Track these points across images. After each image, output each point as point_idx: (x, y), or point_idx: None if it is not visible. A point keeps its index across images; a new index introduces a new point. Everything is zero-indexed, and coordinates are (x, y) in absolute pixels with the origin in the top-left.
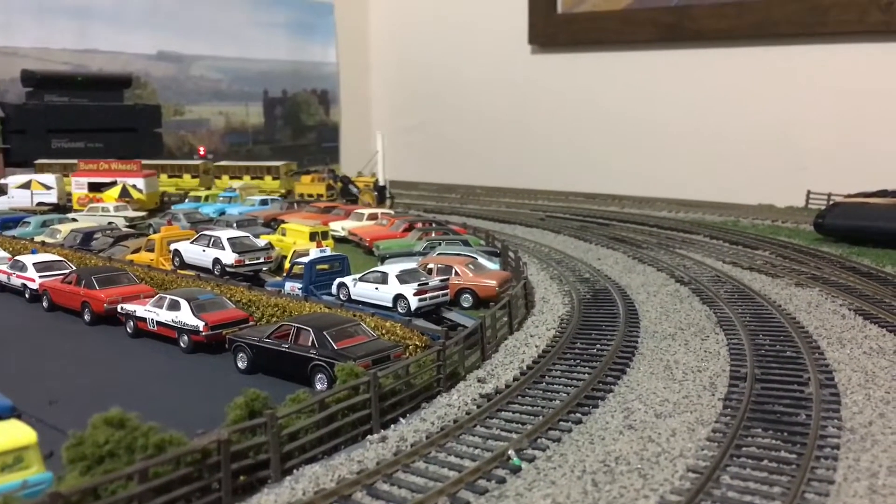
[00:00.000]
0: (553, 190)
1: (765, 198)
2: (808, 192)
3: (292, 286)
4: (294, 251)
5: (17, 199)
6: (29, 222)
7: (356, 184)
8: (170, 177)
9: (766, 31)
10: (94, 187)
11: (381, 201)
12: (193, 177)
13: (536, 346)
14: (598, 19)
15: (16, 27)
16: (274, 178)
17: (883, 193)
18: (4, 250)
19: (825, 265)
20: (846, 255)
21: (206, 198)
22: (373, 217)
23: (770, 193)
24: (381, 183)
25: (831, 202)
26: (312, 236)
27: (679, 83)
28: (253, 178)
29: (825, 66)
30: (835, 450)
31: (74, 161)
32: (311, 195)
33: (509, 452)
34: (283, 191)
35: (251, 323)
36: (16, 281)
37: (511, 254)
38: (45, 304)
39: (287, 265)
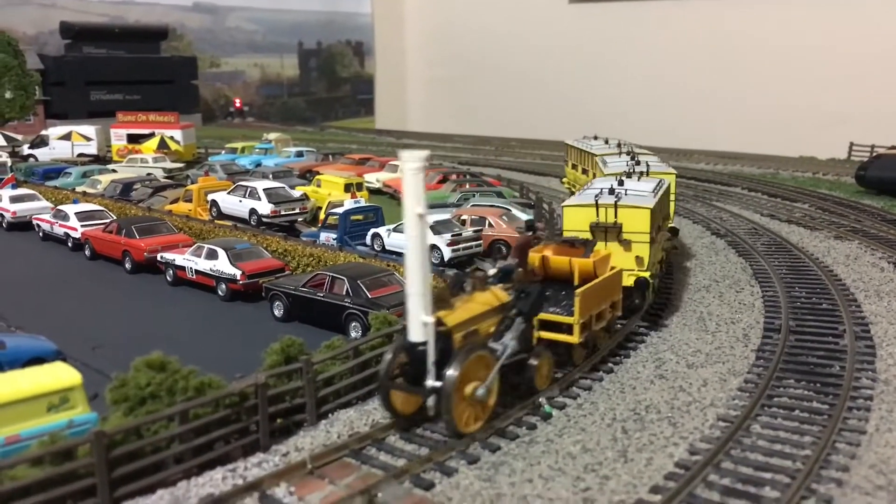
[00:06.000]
0: None
1: (806, 150)
2: (851, 144)
3: (327, 236)
4: (329, 202)
5: (59, 150)
6: (70, 173)
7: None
8: (573, 167)
9: None
10: (133, 139)
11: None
12: (583, 172)
13: None
14: None
15: None
16: None
17: None
18: (47, 200)
19: (865, 218)
20: (888, 208)
21: (243, 149)
22: None
23: (812, 145)
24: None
25: (874, 154)
26: (347, 187)
27: (722, 34)
28: None
29: (869, 15)
30: (868, 401)
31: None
32: None
33: (541, 400)
34: None
35: (287, 272)
36: (58, 230)
37: (545, 205)
38: (87, 252)
39: (322, 216)
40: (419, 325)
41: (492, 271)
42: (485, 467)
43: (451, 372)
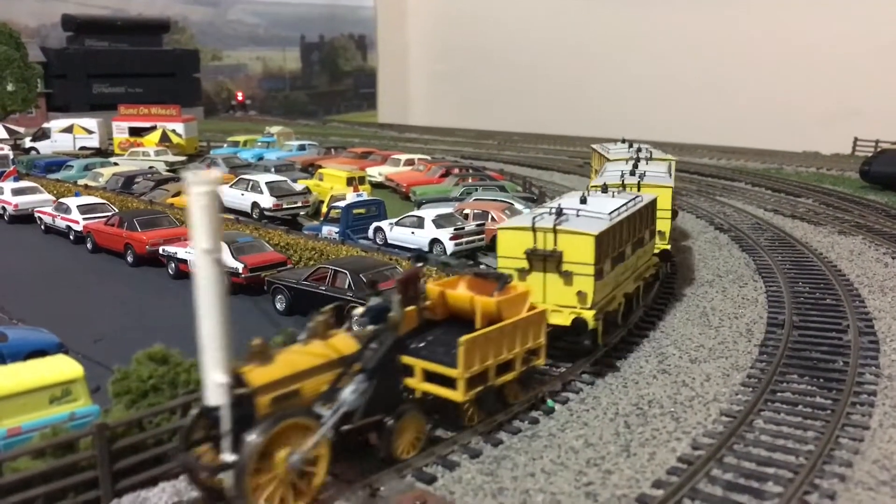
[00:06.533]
0: (592, 136)
1: (810, 145)
2: (855, 139)
3: (329, 230)
4: (331, 196)
5: (60, 143)
6: (72, 166)
7: None
8: (597, 172)
9: None
10: (135, 132)
11: None
12: None
13: None
14: None
15: None
16: None
17: None
18: (49, 193)
19: (869, 213)
20: (892, 203)
21: (245, 143)
22: (409, 163)
23: (816, 140)
24: None
25: (878, 149)
26: (349, 181)
27: (727, 29)
28: None
29: (872, 10)
30: (871, 396)
31: None
32: None
33: (543, 395)
34: None
35: (289, 266)
36: (60, 223)
37: (548, 200)
38: (88, 245)
39: (324, 209)
40: (213, 385)
41: (358, 311)
42: (487, 461)
43: (248, 442)
